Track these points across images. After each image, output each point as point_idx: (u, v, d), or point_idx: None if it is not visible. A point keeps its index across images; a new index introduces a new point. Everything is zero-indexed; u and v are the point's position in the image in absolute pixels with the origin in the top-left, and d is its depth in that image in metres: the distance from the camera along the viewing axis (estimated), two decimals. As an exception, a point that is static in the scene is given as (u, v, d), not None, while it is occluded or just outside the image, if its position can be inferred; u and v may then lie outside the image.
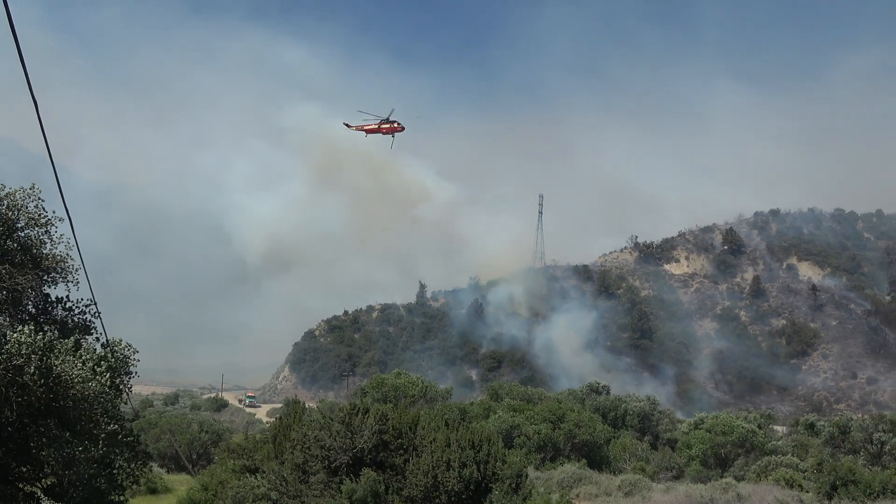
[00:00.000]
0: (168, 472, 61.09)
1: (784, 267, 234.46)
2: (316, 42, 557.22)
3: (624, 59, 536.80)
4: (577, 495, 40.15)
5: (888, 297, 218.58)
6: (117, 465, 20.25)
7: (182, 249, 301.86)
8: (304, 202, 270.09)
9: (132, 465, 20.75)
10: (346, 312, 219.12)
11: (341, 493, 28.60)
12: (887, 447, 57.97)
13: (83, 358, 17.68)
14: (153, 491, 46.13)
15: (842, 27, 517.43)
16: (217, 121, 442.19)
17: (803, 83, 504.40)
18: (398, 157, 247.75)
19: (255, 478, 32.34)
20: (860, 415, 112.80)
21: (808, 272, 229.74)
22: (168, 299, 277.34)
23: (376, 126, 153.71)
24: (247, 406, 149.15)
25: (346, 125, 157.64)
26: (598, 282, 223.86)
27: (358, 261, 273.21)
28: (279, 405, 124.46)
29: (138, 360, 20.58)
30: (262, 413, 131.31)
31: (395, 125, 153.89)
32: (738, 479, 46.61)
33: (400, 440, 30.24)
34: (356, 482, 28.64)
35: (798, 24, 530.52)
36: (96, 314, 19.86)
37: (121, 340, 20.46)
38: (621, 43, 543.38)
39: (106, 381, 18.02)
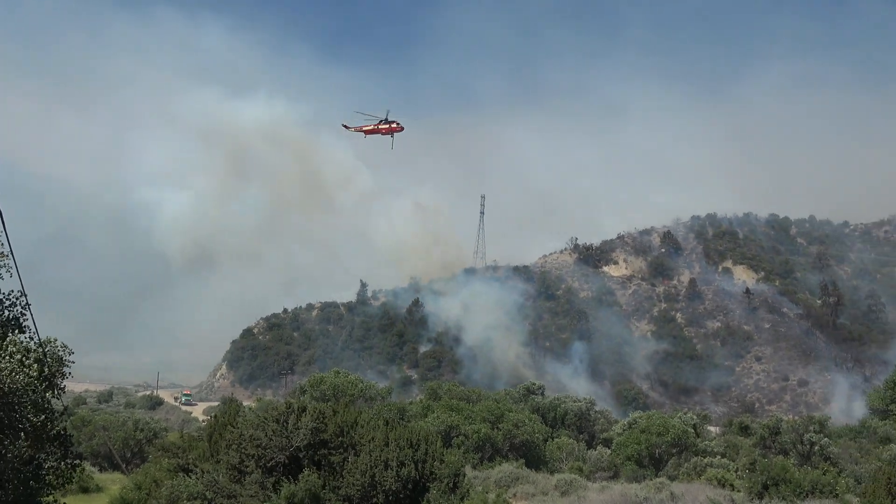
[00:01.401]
0: (101, 470, 60.04)
1: (719, 270, 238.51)
2: (242, 32, 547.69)
3: (550, 59, 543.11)
4: (515, 494, 40.38)
5: (819, 302, 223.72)
6: (48, 465, 19.85)
7: (107, 245, 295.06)
8: (224, 193, 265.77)
9: (63, 465, 20.36)
10: (285, 310, 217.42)
11: (277, 493, 28.37)
12: (816, 447, 59.31)
13: (9, 350, 17.30)
14: (85, 490, 45.32)
15: (758, 39, 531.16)
16: (138, 110, 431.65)
17: (728, 89, 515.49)
18: (331, 152, 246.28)
19: (190, 477, 31.93)
20: (791, 416, 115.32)
21: (743, 276, 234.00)
22: (98, 296, 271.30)
23: (375, 126, 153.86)
24: (183, 404, 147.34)
25: (345, 126, 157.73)
26: (538, 283, 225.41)
27: (284, 255, 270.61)
28: (216, 403, 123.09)
29: (72, 362, 20.23)
30: (198, 411, 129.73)
31: (395, 125, 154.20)
32: (672, 478, 47.31)
33: (341, 438, 30.11)
34: (294, 483, 28.43)
35: (718, 33, 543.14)
36: (26, 305, 19.42)
37: (55, 340, 20.07)
38: (548, 43, 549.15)
39: (34, 372, 17.65)
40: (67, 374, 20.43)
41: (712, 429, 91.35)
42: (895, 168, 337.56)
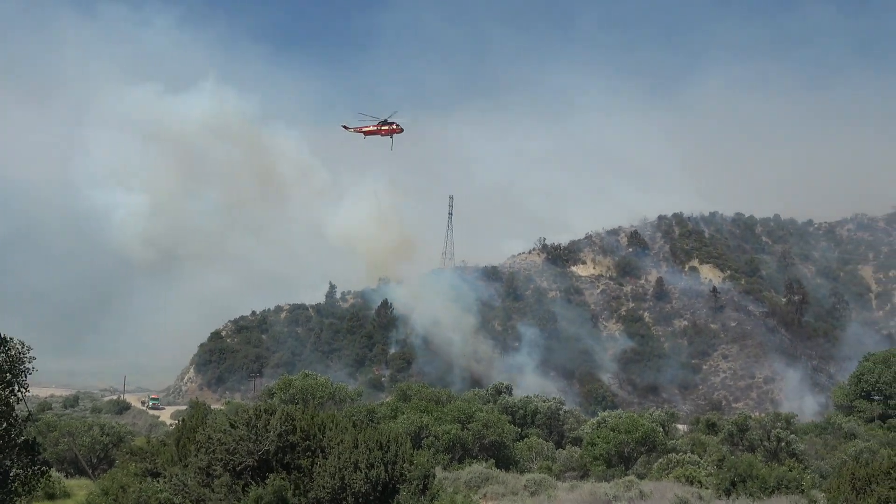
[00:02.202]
0: (67, 476, 59.32)
1: (686, 269, 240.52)
2: (190, 25, 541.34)
3: (500, 56, 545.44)
4: (485, 495, 40.44)
5: (784, 300, 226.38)
6: (13, 473, 19.61)
7: (65, 248, 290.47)
8: (178, 192, 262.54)
9: (28, 472, 20.12)
10: (253, 313, 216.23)
11: (247, 496, 28.22)
12: (783, 444, 59.98)
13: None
14: (51, 496, 44.75)
15: (706, 40, 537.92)
16: (85, 107, 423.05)
17: (680, 88, 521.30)
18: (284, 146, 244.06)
19: (158, 482, 31.67)
20: (758, 413, 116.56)
21: (710, 274, 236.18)
22: (60, 300, 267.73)
23: (375, 128, 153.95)
24: (150, 408, 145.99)
25: (345, 127, 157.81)
26: (507, 283, 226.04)
27: (246, 254, 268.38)
28: (184, 407, 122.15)
29: (34, 358, 19.95)
30: (165, 415, 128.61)
31: (394, 127, 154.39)
32: (641, 476, 47.61)
33: (307, 442, 29.99)
34: (262, 486, 28.29)
35: (667, 34, 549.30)
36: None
37: (12, 339, 19.80)
38: (498, 40, 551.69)
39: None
40: (30, 370, 20.14)
41: (680, 427, 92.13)
42: (856, 167, 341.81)
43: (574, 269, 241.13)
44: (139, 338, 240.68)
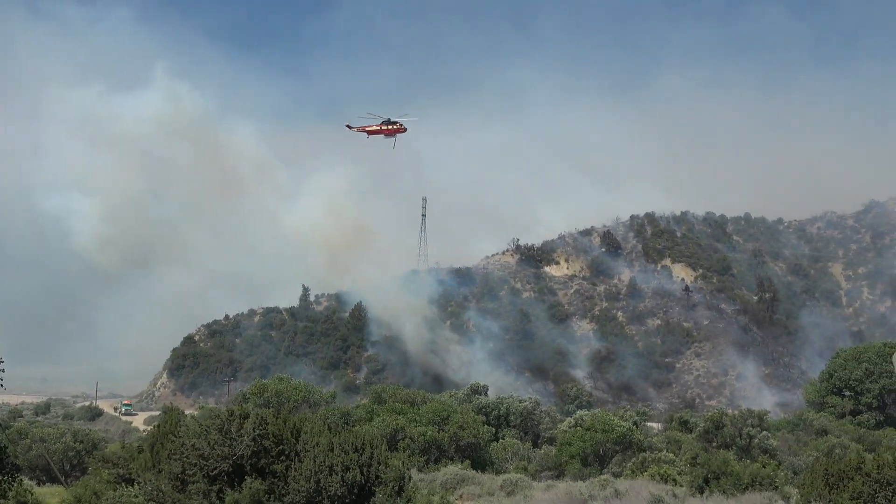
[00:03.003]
0: (39, 484, 58.68)
1: (658, 268, 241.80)
2: (142, 23, 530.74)
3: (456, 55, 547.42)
4: (461, 496, 40.49)
5: (756, 298, 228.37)
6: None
7: (29, 254, 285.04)
8: (138, 193, 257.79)
9: (1, 479, 19.90)
10: (226, 317, 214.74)
11: (222, 501, 28.06)
12: (756, 441, 60.53)
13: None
14: (22, 504, 44.24)
15: (663, 43, 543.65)
16: (35, 108, 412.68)
17: (640, 89, 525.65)
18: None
19: (132, 488, 31.41)
20: (731, 410, 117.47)
21: (682, 273, 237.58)
22: (28, 307, 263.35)
23: (378, 127, 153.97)
24: (122, 414, 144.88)
25: (348, 127, 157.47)
26: (481, 284, 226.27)
27: (210, 256, 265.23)
28: (157, 413, 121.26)
29: (2, 370, 19.73)
30: (139, 421, 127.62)
31: (398, 126, 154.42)
32: (616, 475, 47.84)
33: (281, 446, 29.86)
34: (238, 491, 28.15)
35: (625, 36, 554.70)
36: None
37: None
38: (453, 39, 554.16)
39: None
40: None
41: (654, 425, 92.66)
42: (825, 166, 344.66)
43: (547, 269, 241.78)
44: (111, 343, 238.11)
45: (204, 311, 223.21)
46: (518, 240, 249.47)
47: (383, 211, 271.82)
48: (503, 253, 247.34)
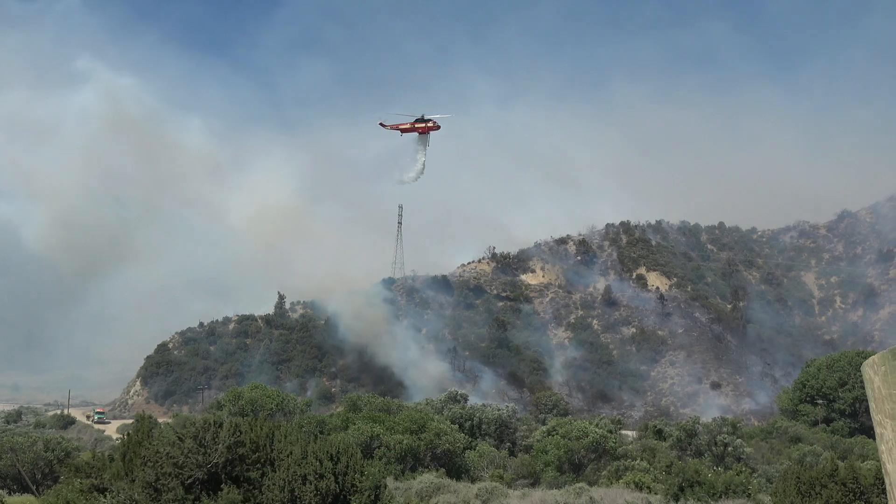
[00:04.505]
0: (10, 493, 58.02)
1: (633, 277, 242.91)
2: (84, 12, 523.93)
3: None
4: (436, 504, 40.40)
5: (729, 306, 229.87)
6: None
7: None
8: (89, 193, 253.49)
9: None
10: (201, 324, 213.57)
11: (195, 510, 27.85)
12: (730, 448, 60.86)
13: None
14: (-8, 514, 43.71)
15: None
16: None
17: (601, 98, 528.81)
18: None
19: (105, 497, 31.12)
20: (705, 418, 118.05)
21: (657, 282, 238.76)
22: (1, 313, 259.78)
23: (411, 125, 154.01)
24: (95, 423, 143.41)
25: (382, 125, 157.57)
26: (457, 292, 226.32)
27: (173, 257, 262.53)
28: (130, 421, 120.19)
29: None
30: (111, 429, 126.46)
31: (431, 124, 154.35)
32: (591, 483, 47.92)
33: (256, 454, 29.70)
34: (213, 500, 27.96)
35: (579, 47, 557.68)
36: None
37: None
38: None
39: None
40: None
41: (629, 433, 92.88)
42: (799, 176, 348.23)
43: (523, 277, 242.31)
44: (83, 351, 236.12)
45: (171, 314, 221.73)
46: (494, 248, 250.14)
47: (358, 219, 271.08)
48: (479, 261, 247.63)
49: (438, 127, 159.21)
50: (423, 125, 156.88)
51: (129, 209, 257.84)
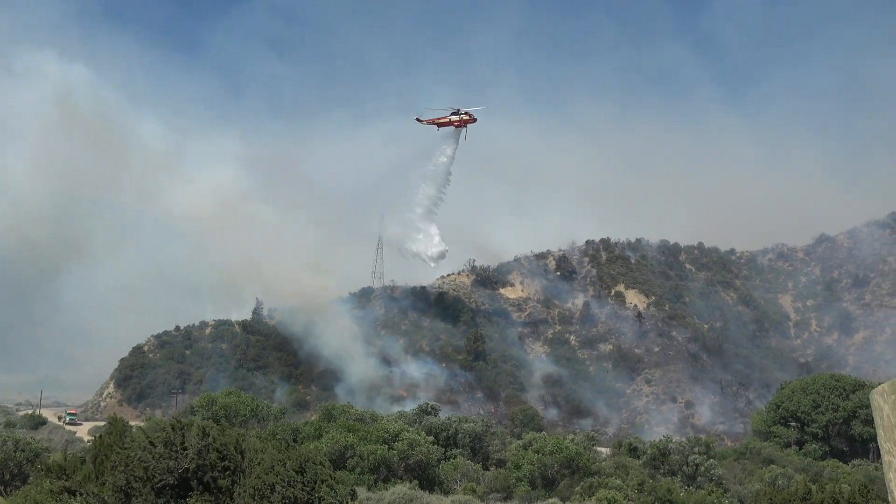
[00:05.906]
0: (-24, 493, 57.39)
1: (612, 294, 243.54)
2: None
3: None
4: (407, 516, 40.28)
5: (706, 326, 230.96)
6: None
7: None
8: (48, 192, 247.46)
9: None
10: (177, 328, 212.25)
11: (164, 515, 27.63)
12: (702, 468, 61.01)
13: None
14: (-42, 514, 43.24)
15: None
16: None
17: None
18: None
19: (74, 500, 30.82)
20: (678, 437, 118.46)
21: (635, 300, 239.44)
22: None
23: (447, 119, 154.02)
24: (67, 424, 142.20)
25: (418, 120, 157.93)
26: (436, 304, 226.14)
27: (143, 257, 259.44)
28: (102, 423, 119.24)
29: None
30: (83, 431, 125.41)
31: (468, 116, 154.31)
32: (564, 499, 47.91)
33: (225, 462, 29.49)
34: (182, 505, 27.75)
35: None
36: None
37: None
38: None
39: None
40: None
41: (603, 450, 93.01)
42: (777, 199, 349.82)
43: (502, 291, 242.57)
44: (60, 352, 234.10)
45: (142, 314, 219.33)
46: (474, 261, 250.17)
47: (334, 227, 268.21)
48: (459, 273, 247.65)
49: (475, 119, 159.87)
50: (460, 119, 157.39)
51: (85, 206, 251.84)
